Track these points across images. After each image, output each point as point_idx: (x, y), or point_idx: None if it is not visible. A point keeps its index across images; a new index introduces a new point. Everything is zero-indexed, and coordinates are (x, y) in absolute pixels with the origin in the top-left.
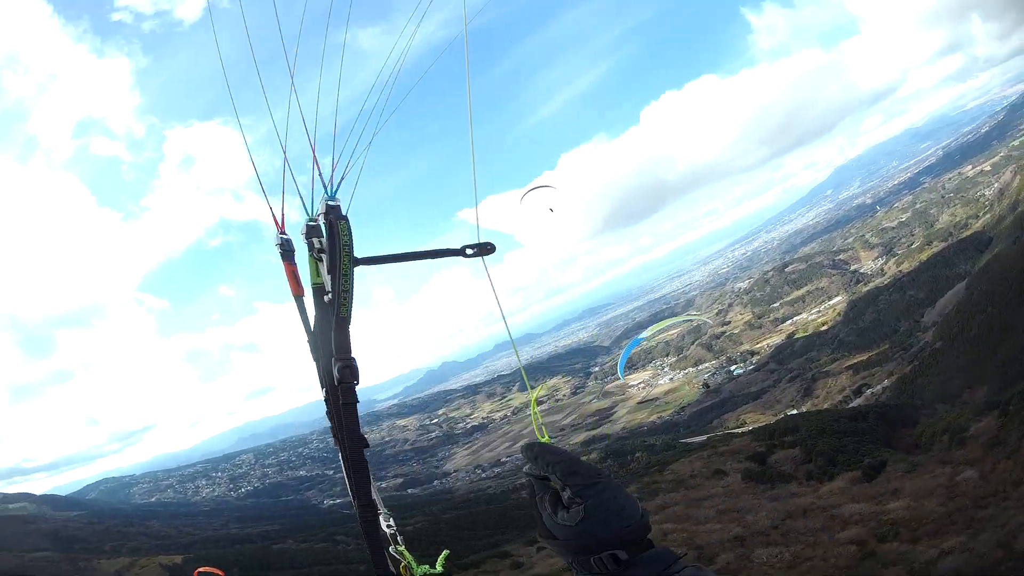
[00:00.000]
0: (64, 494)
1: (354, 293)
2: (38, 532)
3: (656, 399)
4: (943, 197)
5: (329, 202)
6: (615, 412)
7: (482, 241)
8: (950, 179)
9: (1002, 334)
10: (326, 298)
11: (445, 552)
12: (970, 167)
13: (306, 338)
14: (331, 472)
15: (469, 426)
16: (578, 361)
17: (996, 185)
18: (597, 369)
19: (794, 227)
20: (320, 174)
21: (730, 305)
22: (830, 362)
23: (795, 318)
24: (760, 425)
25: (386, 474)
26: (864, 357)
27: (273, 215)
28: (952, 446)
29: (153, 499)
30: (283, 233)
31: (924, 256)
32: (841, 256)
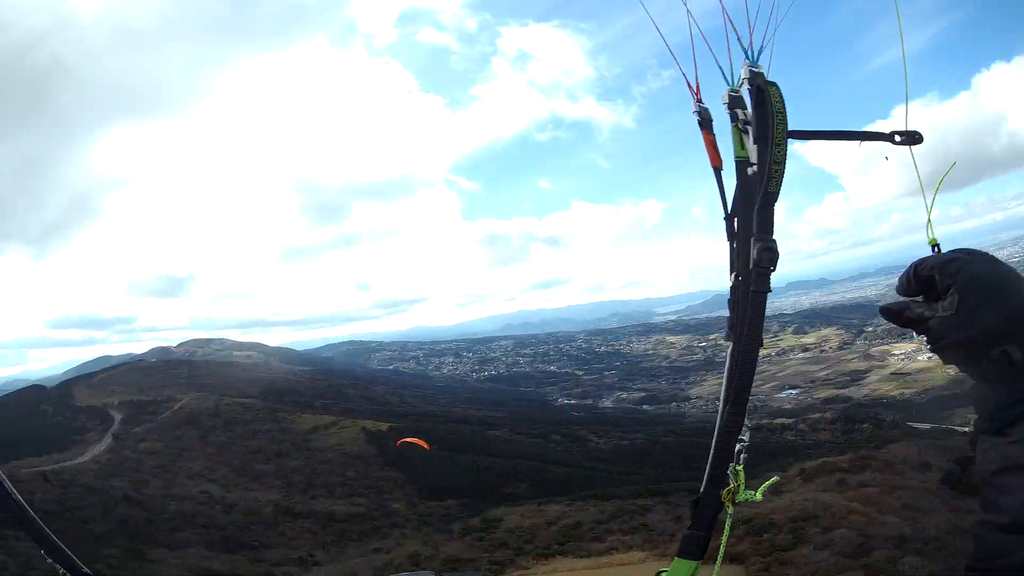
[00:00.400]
0: (303, 349)
1: (786, 167)
2: (254, 380)
3: (908, 374)
4: None
5: (752, 68)
6: (867, 377)
7: (911, 129)
8: None
9: None
10: (750, 170)
11: (773, 479)
12: None
13: (722, 215)
14: (581, 373)
15: None
16: (855, 317)
17: None
18: (871, 329)
19: None
20: (739, 39)
21: None
22: None
23: None
24: None
25: (631, 386)
26: None
27: (688, 83)
28: None
29: (391, 367)
30: (700, 101)
31: None
32: None
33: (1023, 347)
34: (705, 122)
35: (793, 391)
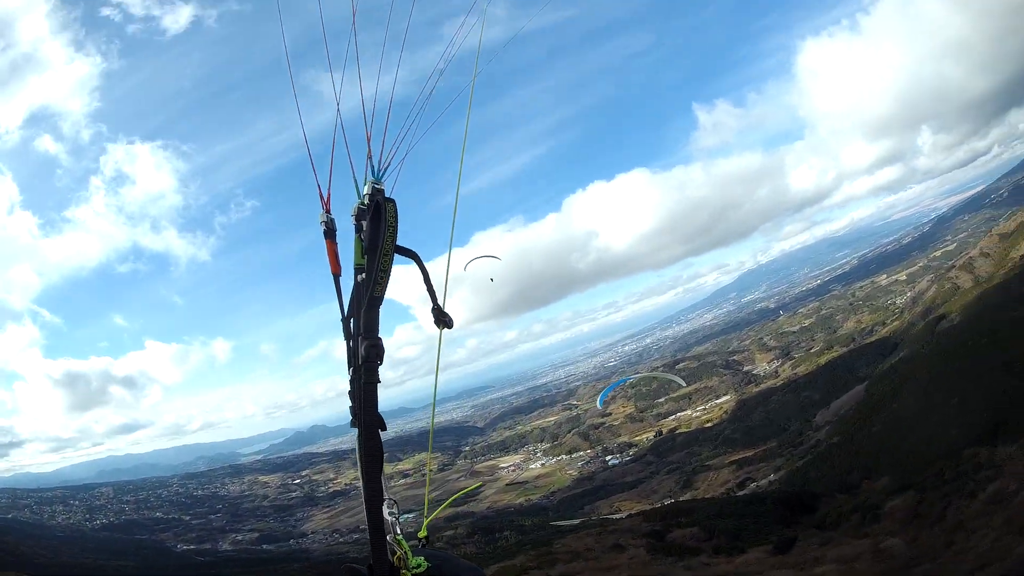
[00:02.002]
0: None
1: (390, 276)
2: None
3: (525, 482)
4: (851, 304)
5: (375, 184)
6: (482, 491)
7: (447, 314)
8: (861, 287)
9: (907, 429)
10: (359, 277)
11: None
12: (885, 276)
13: (340, 317)
14: (188, 518)
15: (331, 490)
16: (449, 439)
17: (910, 293)
18: (468, 448)
19: (690, 327)
20: (370, 157)
21: (614, 397)
22: (712, 457)
23: (679, 414)
24: (647, 509)
25: (243, 527)
26: (750, 453)
27: (320, 193)
28: (865, 523)
29: (10, 516)
30: (328, 212)
31: (823, 360)
32: (735, 357)
33: None
34: (330, 232)
35: (409, 515)
